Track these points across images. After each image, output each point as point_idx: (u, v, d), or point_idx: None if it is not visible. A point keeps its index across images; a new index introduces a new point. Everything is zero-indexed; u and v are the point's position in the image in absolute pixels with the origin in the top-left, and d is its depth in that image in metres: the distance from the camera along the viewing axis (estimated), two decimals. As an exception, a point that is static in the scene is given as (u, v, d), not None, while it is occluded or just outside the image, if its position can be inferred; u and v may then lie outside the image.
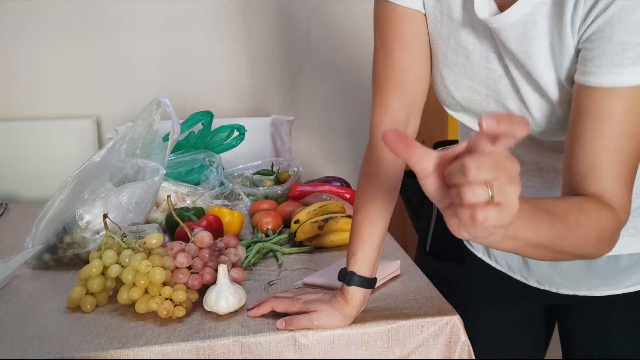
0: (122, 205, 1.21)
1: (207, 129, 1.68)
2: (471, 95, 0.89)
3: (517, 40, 0.79)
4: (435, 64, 0.91)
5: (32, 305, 1.03)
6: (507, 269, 1.05)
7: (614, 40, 0.69)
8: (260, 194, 1.56)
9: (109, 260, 0.99)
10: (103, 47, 2.26)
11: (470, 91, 0.89)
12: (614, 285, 0.94)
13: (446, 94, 0.91)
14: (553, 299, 1.01)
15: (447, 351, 0.93)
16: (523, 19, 0.77)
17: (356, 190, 0.96)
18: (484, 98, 0.87)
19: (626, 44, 0.68)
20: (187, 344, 0.87)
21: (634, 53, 0.68)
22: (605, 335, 0.99)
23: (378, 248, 0.93)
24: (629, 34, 0.68)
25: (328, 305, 0.91)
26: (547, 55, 0.78)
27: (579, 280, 0.96)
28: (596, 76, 0.71)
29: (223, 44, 2.35)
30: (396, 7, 0.88)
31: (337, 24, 2.42)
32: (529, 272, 1.01)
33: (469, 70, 0.87)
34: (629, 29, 0.68)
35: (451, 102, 0.92)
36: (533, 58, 0.78)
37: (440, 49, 0.89)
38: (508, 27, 0.78)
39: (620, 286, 0.94)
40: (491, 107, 0.87)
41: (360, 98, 2.45)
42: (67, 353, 0.85)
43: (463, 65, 0.87)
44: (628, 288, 0.94)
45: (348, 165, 2.47)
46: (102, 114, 2.30)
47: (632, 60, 0.68)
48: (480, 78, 0.87)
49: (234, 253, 1.08)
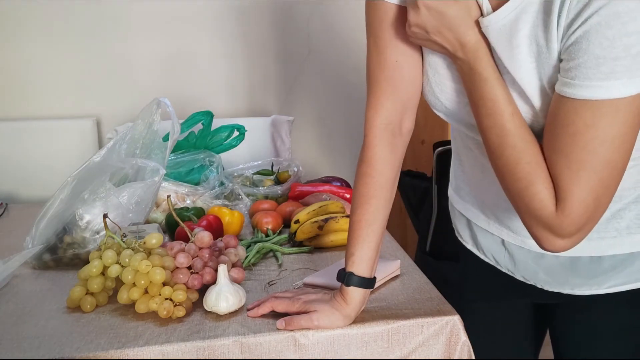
0: (122, 205, 1.21)
1: (207, 129, 1.68)
2: (456, 97, 0.89)
3: (503, 45, 0.79)
4: (423, 64, 0.91)
5: (32, 305, 1.03)
6: (495, 262, 1.05)
7: (589, 54, 0.70)
8: (260, 194, 1.56)
9: (109, 260, 0.99)
10: (103, 47, 2.26)
11: (454, 94, 0.89)
12: (596, 285, 0.95)
13: (432, 96, 0.92)
14: (540, 296, 1.02)
15: (447, 351, 0.93)
16: (508, 25, 0.78)
17: (352, 190, 0.96)
18: (467, 102, 0.87)
19: (600, 58, 0.70)
20: (187, 344, 0.87)
21: (606, 68, 0.70)
22: (591, 336, 1.00)
23: (376, 248, 0.93)
24: (603, 49, 0.69)
25: (328, 305, 0.91)
26: (530, 63, 0.78)
27: (563, 278, 0.97)
28: (570, 87, 0.73)
29: (223, 44, 2.35)
30: (386, 5, 0.88)
31: (337, 24, 2.42)
32: (515, 268, 1.02)
33: (454, 73, 0.87)
34: (604, 44, 0.69)
35: (437, 104, 0.92)
36: (516, 66, 0.79)
37: (427, 50, 0.89)
38: (494, 31, 0.79)
39: (602, 286, 0.95)
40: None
41: (360, 98, 2.44)
42: (67, 353, 0.86)
43: (448, 68, 0.88)
44: (610, 289, 0.94)
45: (348, 165, 2.47)
46: (102, 114, 2.30)
47: (605, 75, 0.70)
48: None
49: (234, 253, 1.08)
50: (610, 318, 0.97)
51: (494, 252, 1.05)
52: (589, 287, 0.96)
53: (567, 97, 0.73)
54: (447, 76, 0.88)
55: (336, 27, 2.43)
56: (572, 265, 0.95)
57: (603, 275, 0.94)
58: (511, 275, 1.04)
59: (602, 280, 0.94)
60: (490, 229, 1.03)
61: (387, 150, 0.93)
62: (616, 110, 0.71)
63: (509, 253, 1.02)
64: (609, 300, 0.95)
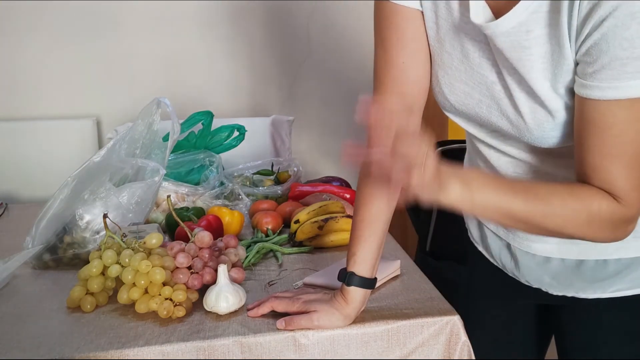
0: (122, 205, 1.21)
1: (207, 129, 1.68)
2: (464, 99, 0.89)
3: (511, 48, 0.79)
4: (432, 65, 0.92)
5: (32, 305, 1.03)
6: (501, 266, 1.06)
7: (610, 56, 0.71)
8: (260, 194, 1.55)
9: (109, 260, 0.99)
10: (103, 47, 2.26)
11: (463, 95, 0.89)
12: (600, 289, 0.95)
13: (442, 96, 0.92)
14: (545, 298, 1.01)
15: (447, 351, 0.93)
16: (517, 27, 0.77)
17: (356, 190, 0.96)
18: (477, 103, 0.87)
19: (624, 59, 0.70)
20: (187, 344, 0.87)
21: (632, 67, 0.70)
22: (595, 339, 0.99)
23: (378, 248, 0.93)
24: (624, 49, 0.70)
25: (328, 305, 0.91)
26: (541, 64, 0.78)
27: (568, 281, 0.97)
28: (598, 90, 0.73)
29: (223, 43, 2.35)
30: (395, 7, 0.89)
31: (337, 24, 2.42)
32: (519, 272, 1.02)
33: (463, 74, 0.87)
34: (624, 45, 0.70)
35: (446, 104, 0.92)
36: (527, 66, 0.79)
37: (436, 51, 0.90)
38: (502, 34, 0.79)
39: (607, 290, 0.94)
40: (484, 113, 0.88)
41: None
42: (67, 353, 0.86)
43: (457, 69, 0.88)
44: (615, 293, 0.94)
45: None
46: (102, 114, 2.30)
47: (632, 74, 0.71)
48: (473, 83, 0.87)
49: (234, 253, 1.08)
50: (616, 322, 0.97)
51: (501, 255, 1.04)
52: (593, 290, 0.95)
53: (598, 100, 0.73)
54: (456, 77, 0.88)
55: (336, 27, 2.43)
56: (577, 268, 0.95)
57: (608, 279, 0.94)
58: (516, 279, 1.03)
59: (607, 285, 0.94)
60: (498, 232, 1.03)
61: None
62: None
63: (514, 258, 1.01)
64: (614, 304, 0.95)
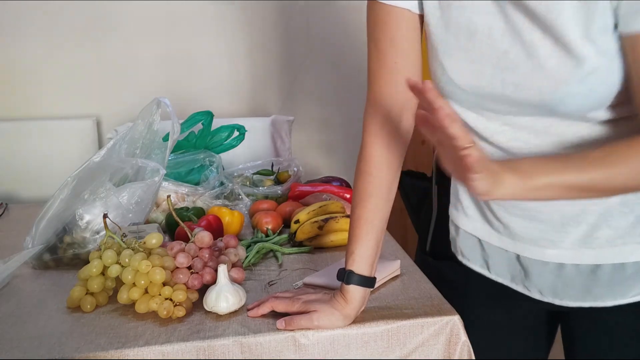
0: (122, 205, 1.21)
1: (207, 129, 1.68)
2: (475, 80, 0.86)
3: None
4: (435, 56, 0.89)
5: (32, 305, 1.03)
6: (510, 279, 1.02)
7: None
8: (260, 194, 1.55)
9: (109, 260, 0.99)
10: (103, 47, 2.26)
11: (473, 76, 0.86)
12: (620, 294, 0.92)
13: (450, 85, 0.89)
14: (556, 305, 0.99)
15: (447, 351, 0.93)
16: None
17: (352, 188, 0.97)
18: (489, 80, 0.84)
19: None
20: (187, 344, 0.87)
21: None
22: (608, 344, 0.97)
23: (376, 246, 0.93)
24: None
25: (328, 305, 0.91)
26: (570, 9, 0.75)
27: (584, 288, 0.94)
28: None
29: (223, 43, 2.35)
30: (387, 7, 0.89)
31: (337, 24, 2.42)
32: (530, 282, 0.98)
33: (471, 53, 0.85)
34: None
35: (456, 92, 0.89)
36: (555, 13, 0.76)
37: (440, 38, 0.88)
38: None
39: (626, 295, 0.92)
40: (497, 89, 0.84)
41: (360, 98, 2.43)
42: (67, 353, 0.86)
43: (464, 49, 0.85)
44: (634, 297, 0.92)
45: (348, 165, 2.47)
46: (102, 114, 2.30)
47: None
48: (483, 58, 0.84)
49: (234, 253, 1.08)
50: (630, 327, 0.95)
51: (509, 269, 1.01)
52: (612, 297, 0.92)
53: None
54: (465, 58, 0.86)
55: (336, 27, 2.43)
56: (593, 274, 0.92)
57: (626, 283, 0.91)
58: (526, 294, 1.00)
59: (626, 289, 0.91)
60: (503, 245, 0.99)
61: (384, 149, 0.93)
62: None
63: (524, 269, 0.98)
64: (629, 309, 0.92)
